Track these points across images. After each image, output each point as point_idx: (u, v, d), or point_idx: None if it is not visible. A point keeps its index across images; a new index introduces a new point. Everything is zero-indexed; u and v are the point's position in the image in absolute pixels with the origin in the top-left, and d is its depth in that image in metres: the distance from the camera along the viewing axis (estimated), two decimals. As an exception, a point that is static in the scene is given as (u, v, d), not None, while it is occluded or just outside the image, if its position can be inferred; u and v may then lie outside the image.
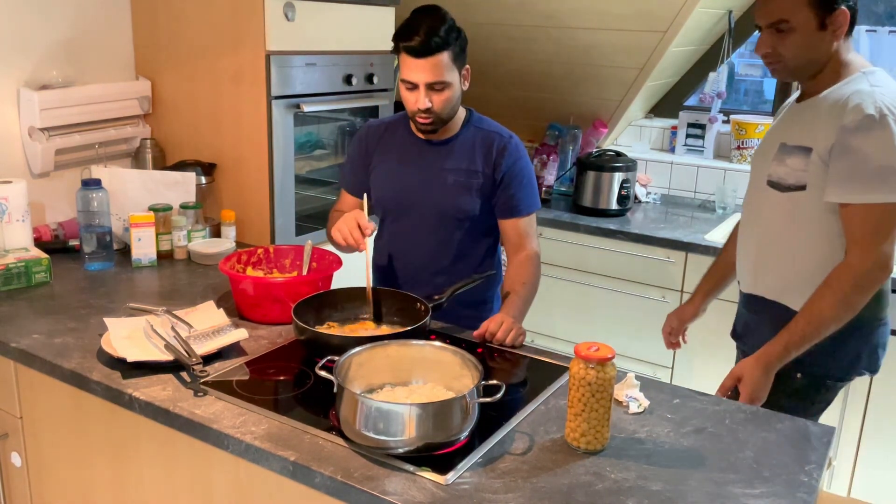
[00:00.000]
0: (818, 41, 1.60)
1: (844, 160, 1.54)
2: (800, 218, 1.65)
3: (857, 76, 1.62)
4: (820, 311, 1.58)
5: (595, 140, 3.59)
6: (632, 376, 1.54)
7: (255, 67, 2.34)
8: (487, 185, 1.90)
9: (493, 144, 1.90)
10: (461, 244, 1.94)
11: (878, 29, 3.16)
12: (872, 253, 1.54)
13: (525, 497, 1.18)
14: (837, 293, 1.56)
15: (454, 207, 1.90)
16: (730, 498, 1.21)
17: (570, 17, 3.11)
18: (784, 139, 1.68)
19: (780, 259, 1.70)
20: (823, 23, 1.58)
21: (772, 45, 1.62)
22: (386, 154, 1.95)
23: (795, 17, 1.58)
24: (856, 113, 1.53)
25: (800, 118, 1.68)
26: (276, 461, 1.28)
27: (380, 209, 2.00)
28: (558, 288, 3.17)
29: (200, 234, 2.33)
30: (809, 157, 1.60)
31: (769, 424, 1.45)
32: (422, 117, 1.81)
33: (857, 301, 1.57)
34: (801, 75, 1.67)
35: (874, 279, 1.56)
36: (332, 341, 1.56)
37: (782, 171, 1.66)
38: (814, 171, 1.60)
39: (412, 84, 1.77)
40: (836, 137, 1.54)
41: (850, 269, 1.56)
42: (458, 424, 1.28)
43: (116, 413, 1.53)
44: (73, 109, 2.35)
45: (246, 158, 2.46)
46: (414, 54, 1.73)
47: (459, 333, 1.82)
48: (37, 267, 2.00)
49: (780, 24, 1.59)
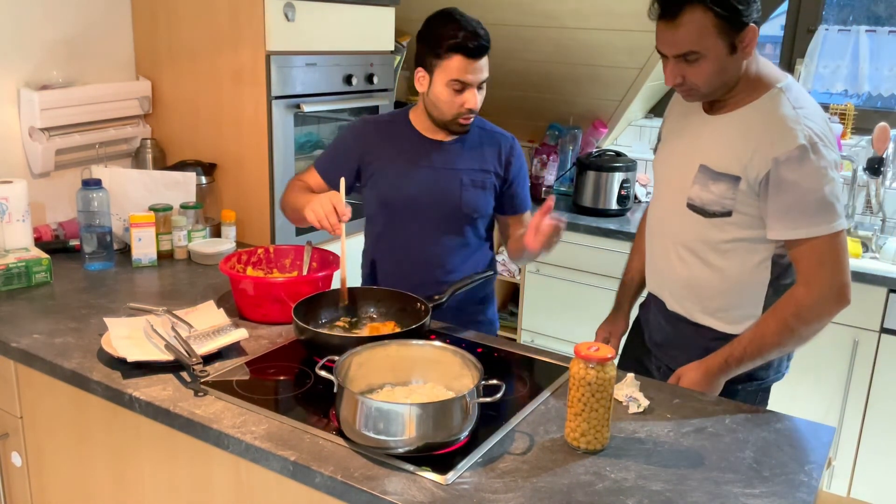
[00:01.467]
0: (729, 64, 1.53)
1: (782, 196, 1.50)
2: (723, 242, 1.61)
3: (775, 93, 1.56)
4: (763, 335, 1.57)
5: (595, 140, 3.59)
6: (632, 376, 1.54)
7: (255, 67, 2.34)
8: (498, 185, 1.95)
9: (501, 145, 1.96)
10: (470, 242, 1.97)
11: (878, 29, 3.16)
12: (817, 286, 1.51)
13: (525, 497, 1.19)
14: (780, 322, 1.55)
15: (470, 206, 1.92)
16: (730, 498, 1.21)
17: (570, 17, 3.11)
18: (705, 161, 1.60)
19: (706, 281, 1.66)
20: (733, 45, 1.51)
21: (681, 73, 1.55)
22: (390, 154, 1.93)
23: (704, 46, 1.49)
24: (787, 143, 1.48)
25: (720, 138, 1.60)
26: (276, 461, 1.28)
27: (385, 209, 1.95)
28: (558, 288, 3.17)
29: (200, 234, 2.33)
30: (738, 185, 1.55)
31: (769, 424, 1.45)
32: (467, 118, 1.85)
33: (801, 331, 1.55)
34: (714, 95, 1.60)
35: (820, 312, 1.53)
36: (332, 341, 1.56)
37: (706, 198, 1.59)
38: (741, 200, 1.56)
39: (465, 84, 1.80)
40: (771, 170, 1.50)
41: (793, 301, 1.54)
42: (458, 424, 1.28)
43: (117, 413, 1.54)
44: (73, 109, 2.35)
45: (246, 158, 2.46)
46: (474, 55, 1.78)
47: (460, 333, 1.82)
48: (37, 267, 2.00)
49: (690, 55, 1.51)
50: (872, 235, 2.93)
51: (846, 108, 3.22)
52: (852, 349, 2.64)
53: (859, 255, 2.76)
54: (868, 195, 2.99)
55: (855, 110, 3.21)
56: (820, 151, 1.48)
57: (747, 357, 1.58)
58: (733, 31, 1.50)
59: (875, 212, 2.98)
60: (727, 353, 1.60)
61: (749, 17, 1.50)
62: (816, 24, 3.26)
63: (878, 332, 2.60)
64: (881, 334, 2.59)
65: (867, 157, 2.95)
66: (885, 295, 2.56)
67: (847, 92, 3.25)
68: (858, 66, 3.19)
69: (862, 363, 2.64)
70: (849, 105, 3.22)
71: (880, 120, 3.02)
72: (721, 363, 1.60)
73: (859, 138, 3.14)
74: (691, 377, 1.63)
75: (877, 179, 2.93)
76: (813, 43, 3.25)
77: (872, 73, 3.18)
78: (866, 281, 2.57)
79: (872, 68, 3.18)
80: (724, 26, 1.48)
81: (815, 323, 1.54)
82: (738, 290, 1.63)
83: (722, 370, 1.61)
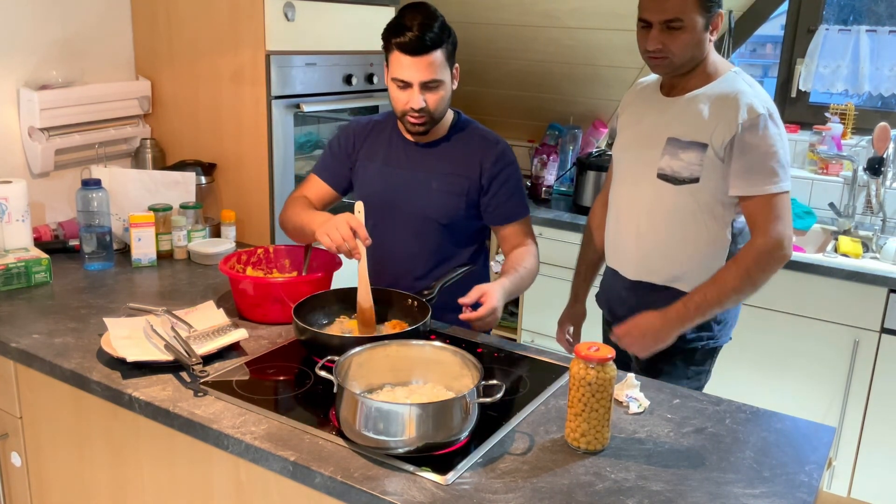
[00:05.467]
0: (702, 41, 1.71)
1: (745, 157, 1.69)
2: (693, 208, 1.76)
3: (732, 74, 1.76)
4: (724, 281, 1.71)
5: (595, 140, 3.59)
6: (632, 376, 1.54)
7: (255, 67, 2.34)
8: (473, 190, 1.86)
9: (480, 149, 1.86)
10: (443, 249, 1.91)
11: (878, 29, 3.16)
12: (774, 236, 1.68)
13: (525, 497, 1.18)
14: (742, 268, 1.69)
15: (437, 211, 1.87)
16: (730, 498, 1.21)
17: (570, 17, 3.11)
18: (673, 134, 1.76)
19: (674, 247, 1.80)
20: (707, 24, 1.70)
21: (662, 41, 1.70)
22: (372, 154, 1.93)
23: (688, 17, 1.67)
24: (750, 112, 1.68)
25: (684, 114, 1.76)
26: (276, 461, 1.28)
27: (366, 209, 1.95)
28: (558, 288, 3.17)
29: (200, 234, 2.33)
30: (705, 152, 1.72)
31: (769, 424, 1.45)
32: (414, 117, 1.77)
33: (758, 277, 1.70)
34: (679, 71, 1.76)
35: (775, 258, 1.69)
36: (331, 341, 1.56)
37: (676, 165, 1.75)
38: (708, 165, 1.72)
39: (405, 83, 1.74)
40: (735, 135, 1.68)
41: (754, 248, 1.69)
42: (458, 424, 1.28)
43: (116, 413, 1.54)
44: (73, 109, 2.35)
45: (246, 158, 2.46)
46: (409, 51, 1.70)
47: (460, 334, 1.82)
48: (37, 267, 2.00)
49: (675, 22, 1.67)
50: (872, 235, 2.93)
51: (846, 108, 3.22)
52: (853, 349, 2.64)
53: (859, 255, 2.75)
54: (868, 195, 2.98)
55: (855, 110, 3.21)
56: (776, 120, 1.71)
57: (706, 304, 1.71)
58: (709, 12, 1.70)
59: (875, 212, 2.98)
60: (686, 299, 1.73)
61: (720, 2, 1.71)
62: (817, 24, 3.26)
63: (879, 332, 2.60)
64: (881, 334, 2.59)
65: (867, 157, 2.95)
66: (886, 295, 2.56)
67: (847, 92, 3.25)
68: (859, 66, 3.19)
69: (862, 363, 2.64)
70: (849, 105, 3.22)
71: (880, 120, 3.01)
72: (679, 307, 1.73)
73: (859, 138, 3.14)
74: (649, 318, 1.75)
75: (877, 179, 2.93)
76: (813, 43, 3.25)
77: (873, 73, 3.18)
78: (866, 281, 2.56)
79: (873, 68, 3.18)
80: (704, 3, 1.68)
81: (769, 270, 1.70)
82: (704, 254, 1.79)
83: (680, 315, 1.72)
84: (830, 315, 2.66)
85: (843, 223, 3.00)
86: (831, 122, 3.18)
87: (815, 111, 3.34)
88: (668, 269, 1.82)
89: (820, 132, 3.15)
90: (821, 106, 3.33)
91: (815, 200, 3.16)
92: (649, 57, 1.75)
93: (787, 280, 2.62)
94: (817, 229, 3.08)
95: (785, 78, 3.39)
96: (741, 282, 1.70)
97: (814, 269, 2.64)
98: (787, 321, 2.73)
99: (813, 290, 2.66)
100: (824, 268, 2.63)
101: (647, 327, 1.75)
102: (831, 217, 3.07)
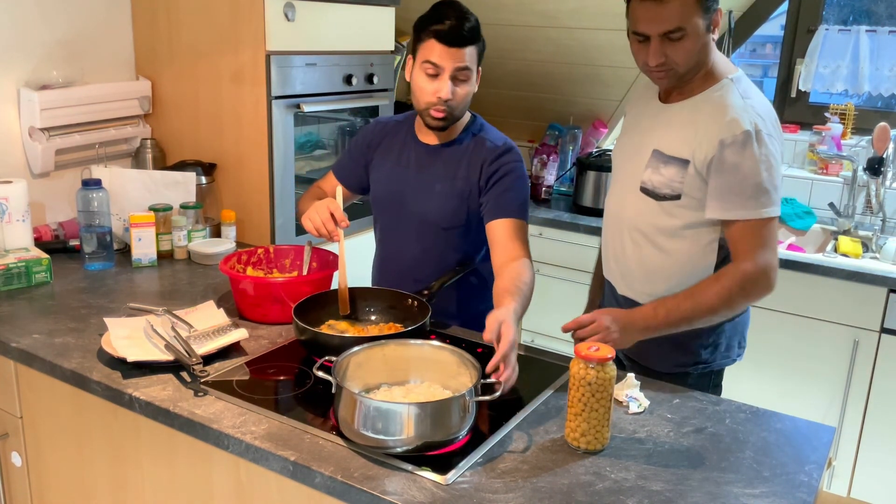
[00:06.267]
0: (706, 44, 1.59)
1: (723, 177, 1.56)
2: (673, 226, 1.65)
3: (725, 83, 1.62)
4: (701, 295, 1.59)
5: (595, 140, 3.59)
6: (632, 376, 1.54)
7: (255, 67, 2.34)
8: (474, 194, 1.83)
9: (485, 153, 1.83)
10: (444, 255, 1.89)
11: (878, 29, 3.16)
12: (759, 264, 1.56)
13: (525, 497, 1.19)
14: (724, 288, 1.58)
15: (438, 214, 1.86)
16: (730, 498, 1.21)
17: (570, 17, 3.11)
18: (658, 146, 1.66)
19: (654, 265, 1.70)
20: (709, 24, 1.58)
21: (664, 53, 1.57)
22: (387, 153, 1.94)
23: (689, 24, 1.54)
24: (733, 128, 1.54)
25: (672, 124, 1.65)
26: (276, 461, 1.28)
27: (376, 209, 1.99)
28: (558, 288, 3.17)
29: (200, 234, 2.33)
30: (686, 169, 1.60)
31: (769, 424, 1.45)
32: (438, 110, 1.74)
33: (737, 300, 1.59)
34: (686, 78, 1.63)
35: (760, 287, 1.58)
36: (331, 341, 1.56)
37: (657, 180, 1.65)
38: (689, 183, 1.60)
39: (437, 67, 1.71)
40: (716, 152, 1.55)
41: (740, 272, 1.57)
42: (457, 423, 1.28)
43: (117, 413, 1.54)
44: (73, 109, 2.35)
45: (246, 158, 2.46)
46: (446, 40, 1.68)
47: (460, 334, 1.82)
48: (37, 267, 2.00)
49: (675, 32, 1.54)
50: (872, 235, 2.93)
51: (846, 108, 3.22)
52: (852, 349, 2.64)
53: (859, 255, 2.76)
54: (868, 195, 2.99)
55: (855, 110, 3.21)
56: (763, 140, 1.55)
57: (677, 311, 1.59)
58: (709, 12, 1.57)
59: (875, 212, 2.98)
60: (658, 301, 1.62)
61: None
62: (816, 24, 3.26)
63: (879, 332, 2.60)
64: (881, 334, 2.59)
65: (867, 157, 2.96)
66: (886, 295, 2.56)
67: (847, 92, 3.25)
68: (858, 66, 3.19)
69: (862, 363, 2.64)
70: (849, 105, 3.22)
71: (880, 120, 3.02)
72: (649, 309, 1.61)
73: (859, 138, 3.14)
74: (616, 313, 1.61)
75: (877, 179, 2.93)
76: (813, 43, 3.25)
77: (872, 73, 3.18)
78: (866, 281, 2.57)
79: (872, 68, 3.18)
80: (704, 3, 1.55)
81: (751, 298, 1.59)
82: (688, 273, 1.66)
83: (646, 315, 1.60)
84: (830, 315, 2.66)
85: (843, 223, 3.01)
86: (831, 122, 3.18)
87: (814, 111, 3.34)
88: (651, 287, 1.71)
89: (820, 132, 3.16)
90: (821, 106, 3.33)
91: (814, 200, 3.16)
92: (651, 71, 1.62)
93: (787, 280, 2.62)
94: (817, 229, 3.08)
95: (785, 78, 3.39)
96: (720, 302, 1.58)
97: (814, 269, 2.64)
98: (787, 321, 2.73)
99: (813, 290, 2.67)
100: (824, 268, 2.63)
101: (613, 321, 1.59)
102: (831, 217, 3.08)
